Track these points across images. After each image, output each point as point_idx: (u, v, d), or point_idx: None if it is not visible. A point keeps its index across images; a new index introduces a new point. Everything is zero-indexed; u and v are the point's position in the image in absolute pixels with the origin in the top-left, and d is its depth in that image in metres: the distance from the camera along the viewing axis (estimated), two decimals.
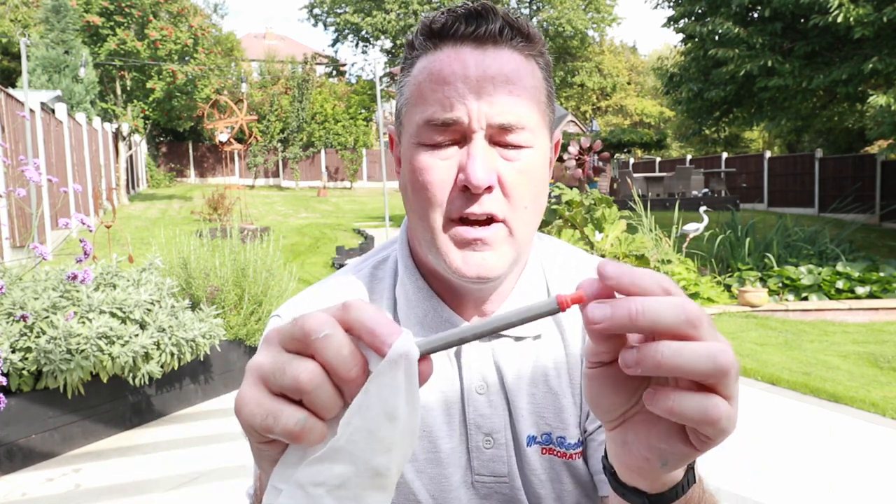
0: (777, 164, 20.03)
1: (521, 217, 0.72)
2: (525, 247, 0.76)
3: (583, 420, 0.81)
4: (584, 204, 7.41)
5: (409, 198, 0.75)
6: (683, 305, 0.40)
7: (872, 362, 5.27)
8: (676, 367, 0.39)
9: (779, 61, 10.77)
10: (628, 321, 0.39)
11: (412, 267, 0.82)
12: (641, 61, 47.66)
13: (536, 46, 0.74)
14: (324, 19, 37.39)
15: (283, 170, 28.94)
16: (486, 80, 0.69)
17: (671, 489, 0.53)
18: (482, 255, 0.71)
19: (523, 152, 0.71)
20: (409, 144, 0.74)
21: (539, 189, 0.74)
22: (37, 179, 2.24)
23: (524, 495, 0.81)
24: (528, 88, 0.71)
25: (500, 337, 0.80)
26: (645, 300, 0.40)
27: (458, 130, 0.70)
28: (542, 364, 0.81)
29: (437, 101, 0.70)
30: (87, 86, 15.73)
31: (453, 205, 0.71)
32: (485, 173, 0.68)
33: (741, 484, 3.15)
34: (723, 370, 0.39)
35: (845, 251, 8.63)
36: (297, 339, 0.41)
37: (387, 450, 0.40)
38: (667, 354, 0.39)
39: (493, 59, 0.70)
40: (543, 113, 0.74)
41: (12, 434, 3.22)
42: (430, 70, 0.71)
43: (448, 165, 0.71)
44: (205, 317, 4.05)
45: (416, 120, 0.72)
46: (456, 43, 0.71)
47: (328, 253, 10.82)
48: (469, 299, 0.80)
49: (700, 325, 0.40)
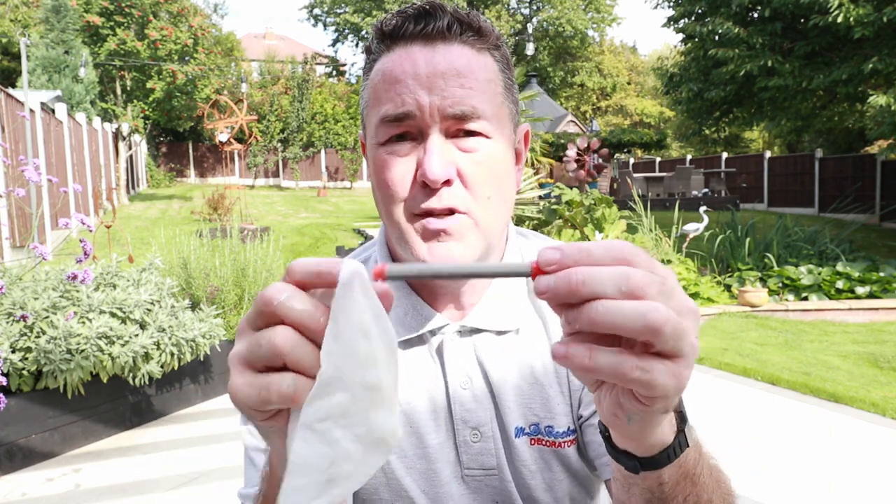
0: (777, 164, 20.03)
1: (485, 207, 0.72)
2: (495, 237, 0.76)
3: (575, 408, 0.81)
4: (584, 204, 7.42)
5: (376, 197, 0.76)
6: (627, 274, 0.41)
7: (872, 362, 5.27)
8: (606, 324, 0.40)
9: (779, 61, 10.77)
10: (569, 291, 0.41)
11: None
12: (641, 61, 47.66)
13: (489, 40, 0.74)
14: (324, 19, 37.39)
15: (283, 170, 28.94)
16: (437, 76, 0.70)
17: (661, 452, 0.54)
18: (447, 246, 0.71)
19: (481, 143, 0.72)
20: (371, 146, 0.76)
21: (502, 179, 0.74)
22: (36, 179, 2.24)
23: (514, 487, 0.81)
24: (480, 80, 0.71)
25: (480, 332, 0.81)
26: (587, 271, 0.41)
27: (412, 126, 0.71)
28: (526, 357, 0.81)
29: (389, 100, 0.71)
30: (87, 86, 15.73)
31: (414, 200, 0.71)
32: (441, 167, 0.69)
33: (741, 484, 3.15)
34: (652, 328, 0.40)
35: (845, 251, 8.63)
36: (261, 312, 0.43)
37: (372, 363, 0.41)
38: (600, 311, 0.40)
39: (443, 55, 0.71)
40: (501, 104, 0.74)
41: (12, 434, 3.22)
42: (384, 71, 0.73)
43: (407, 162, 0.72)
44: (205, 317, 4.05)
45: (373, 120, 0.73)
46: (406, 42, 0.72)
47: (328, 253, 10.82)
48: (445, 294, 0.80)
49: (644, 291, 0.41)
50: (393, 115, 0.71)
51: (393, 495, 0.81)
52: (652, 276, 0.42)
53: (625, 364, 0.41)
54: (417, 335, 0.80)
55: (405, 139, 0.72)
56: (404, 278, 0.44)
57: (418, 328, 0.80)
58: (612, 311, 0.40)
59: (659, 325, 0.40)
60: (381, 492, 0.81)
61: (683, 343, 0.42)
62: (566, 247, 0.42)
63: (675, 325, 0.41)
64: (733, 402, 4.44)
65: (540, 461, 0.81)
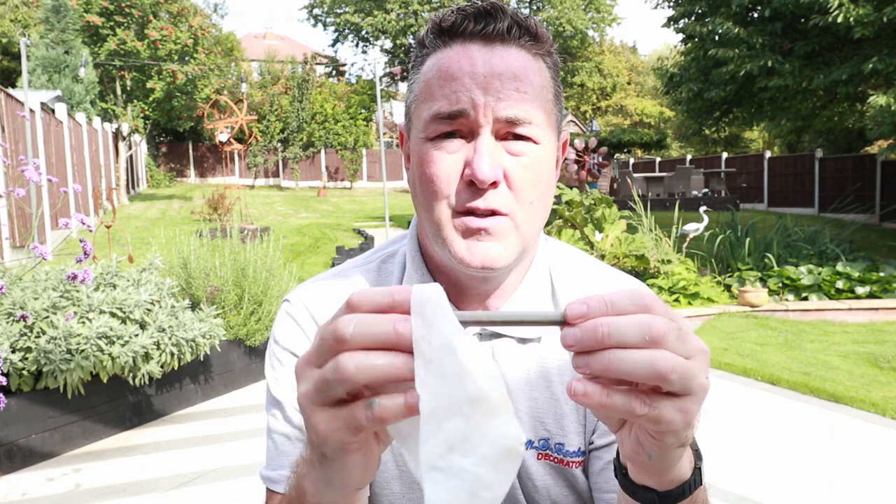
0: (777, 164, 20.03)
1: (527, 212, 0.73)
2: (531, 242, 0.76)
3: (588, 432, 0.81)
4: (584, 204, 7.41)
5: (417, 191, 0.76)
6: (650, 324, 0.44)
7: (872, 362, 5.27)
8: (619, 371, 0.43)
9: (779, 61, 10.76)
10: (595, 343, 0.43)
11: (420, 261, 0.83)
12: (641, 61, 47.65)
13: (544, 46, 0.74)
14: (324, 19, 37.38)
15: (283, 170, 28.93)
16: (494, 77, 0.70)
17: (679, 487, 0.56)
18: (486, 245, 0.71)
19: (530, 148, 0.72)
20: (417, 140, 0.75)
21: (545, 186, 0.75)
22: (37, 179, 2.24)
23: (522, 495, 0.81)
24: (535, 86, 0.72)
25: (502, 337, 0.80)
26: (611, 322, 0.44)
27: (464, 124, 0.71)
28: (545, 368, 0.81)
29: (444, 96, 0.71)
30: (87, 86, 15.73)
31: (459, 197, 0.71)
32: (490, 168, 0.68)
33: (741, 484, 3.15)
34: (660, 375, 0.43)
35: (845, 251, 8.63)
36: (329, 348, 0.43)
37: (469, 377, 0.40)
38: (613, 360, 0.43)
39: (501, 57, 0.71)
40: (550, 111, 0.75)
41: (12, 434, 3.22)
42: (439, 66, 0.72)
43: (455, 159, 0.71)
44: (205, 317, 4.05)
45: (424, 115, 0.73)
46: (465, 40, 0.72)
47: (328, 253, 10.82)
48: (472, 294, 0.80)
49: (664, 340, 0.44)
50: (447, 113, 0.70)
51: (405, 488, 0.81)
52: (670, 322, 0.45)
53: (635, 401, 0.45)
54: None
55: (454, 136, 0.72)
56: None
57: None
58: (623, 360, 0.43)
59: (666, 373, 0.43)
60: (392, 484, 0.82)
61: (692, 383, 0.45)
62: (592, 301, 0.45)
63: (681, 371, 0.44)
64: (733, 402, 4.44)
65: (545, 476, 0.81)
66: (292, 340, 0.82)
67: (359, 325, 0.42)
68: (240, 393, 4.48)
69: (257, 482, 0.82)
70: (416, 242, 0.85)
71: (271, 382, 0.82)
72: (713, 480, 3.18)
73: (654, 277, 7.31)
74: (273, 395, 0.82)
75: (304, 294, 0.85)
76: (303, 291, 0.86)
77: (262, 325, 4.64)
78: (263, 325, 4.65)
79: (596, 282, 0.86)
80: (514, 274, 0.80)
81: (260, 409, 4.01)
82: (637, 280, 0.89)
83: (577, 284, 0.85)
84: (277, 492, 0.78)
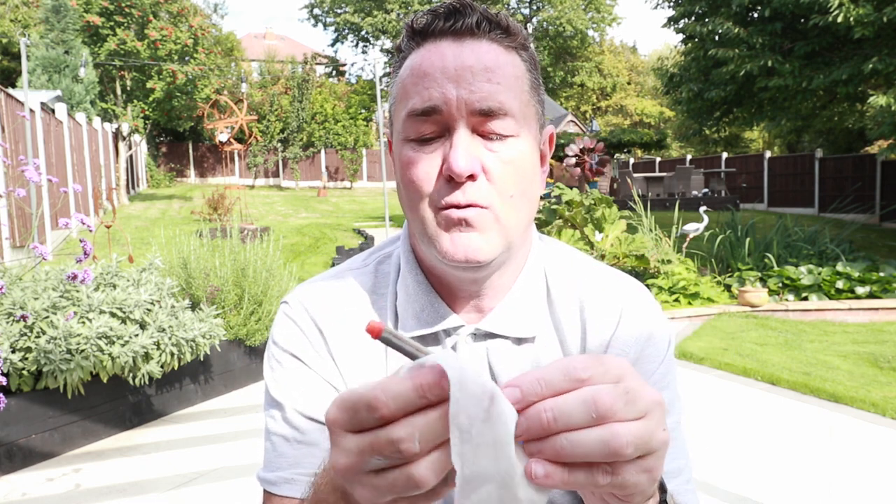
0: (777, 164, 20.02)
1: (508, 205, 0.72)
2: (515, 237, 0.75)
3: None
4: (584, 204, 7.41)
5: (402, 193, 0.76)
6: (594, 399, 0.43)
7: (872, 362, 5.27)
8: (573, 456, 0.43)
9: (779, 61, 10.76)
10: (541, 430, 0.43)
11: (413, 262, 0.83)
12: (641, 61, 47.65)
13: (516, 39, 0.75)
14: (324, 19, 37.42)
15: (283, 170, 28.93)
16: (465, 70, 0.70)
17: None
18: (468, 237, 0.71)
19: (508, 141, 0.72)
20: (398, 142, 0.76)
21: (527, 179, 0.74)
22: (37, 179, 2.24)
23: None
24: (508, 77, 0.72)
25: (497, 337, 0.80)
26: (554, 406, 0.43)
27: (439, 121, 0.71)
28: (539, 367, 0.80)
29: (417, 93, 0.71)
30: (87, 86, 15.72)
31: (439, 194, 0.71)
32: (466, 161, 0.68)
33: (741, 484, 3.15)
34: (615, 452, 0.43)
35: (845, 251, 8.63)
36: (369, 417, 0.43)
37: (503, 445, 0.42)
38: (565, 446, 0.43)
39: (472, 50, 0.71)
40: (528, 103, 0.74)
41: (12, 434, 3.22)
42: (412, 66, 0.73)
43: (433, 158, 0.72)
44: (205, 317, 4.05)
45: (401, 116, 0.74)
46: (436, 39, 0.73)
47: (328, 253, 10.82)
48: (464, 296, 0.80)
49: (611, 413, 0.43)
50: (420, 109, 0.71)
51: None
52: (614, 388, 0.44)
53: (597, 474, 0.44)
54: (432, 332, 0.80)
55: (433, 135, 0.72)
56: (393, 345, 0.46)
57: (433, 325, 0.80)
58: (575, 444, 0.43)
59: (621, 449, 0.43)
60: None
61: (651, 444, 0.44)
62: (524, 383, 0.44)
63: (637, 439, 0.43)
64: (733, 402, 4.44)
65: None
66: (291, 342, 0.82)
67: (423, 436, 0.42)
68: (240, 393, 4.48)
69: (257, 483, 0.82)
70: (408, 244, 0.85)
71: (270, 384, 0.82)
72: (713, 480, 3.18)
73: (654, 277, 7.31)
74: (272, 397, 0.81)
75: (302, 296, 0.85)
76: (301, 293, 0.86)
77: (262, 325, 4.64)
78: (263, 325, 4.65)
79: (593, 283, 0.85)
80: (506, 274, 0.80)
81: (260, 409, 4.01)
82: (636, 280, 0.89)
83: (573, 285, 0.84)
84: (275, 493, 0.78)
